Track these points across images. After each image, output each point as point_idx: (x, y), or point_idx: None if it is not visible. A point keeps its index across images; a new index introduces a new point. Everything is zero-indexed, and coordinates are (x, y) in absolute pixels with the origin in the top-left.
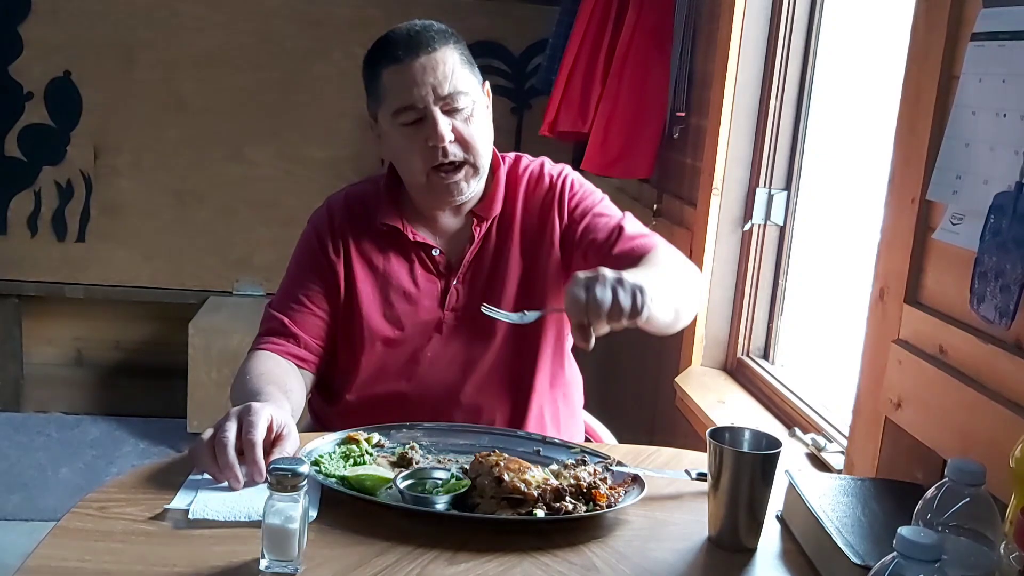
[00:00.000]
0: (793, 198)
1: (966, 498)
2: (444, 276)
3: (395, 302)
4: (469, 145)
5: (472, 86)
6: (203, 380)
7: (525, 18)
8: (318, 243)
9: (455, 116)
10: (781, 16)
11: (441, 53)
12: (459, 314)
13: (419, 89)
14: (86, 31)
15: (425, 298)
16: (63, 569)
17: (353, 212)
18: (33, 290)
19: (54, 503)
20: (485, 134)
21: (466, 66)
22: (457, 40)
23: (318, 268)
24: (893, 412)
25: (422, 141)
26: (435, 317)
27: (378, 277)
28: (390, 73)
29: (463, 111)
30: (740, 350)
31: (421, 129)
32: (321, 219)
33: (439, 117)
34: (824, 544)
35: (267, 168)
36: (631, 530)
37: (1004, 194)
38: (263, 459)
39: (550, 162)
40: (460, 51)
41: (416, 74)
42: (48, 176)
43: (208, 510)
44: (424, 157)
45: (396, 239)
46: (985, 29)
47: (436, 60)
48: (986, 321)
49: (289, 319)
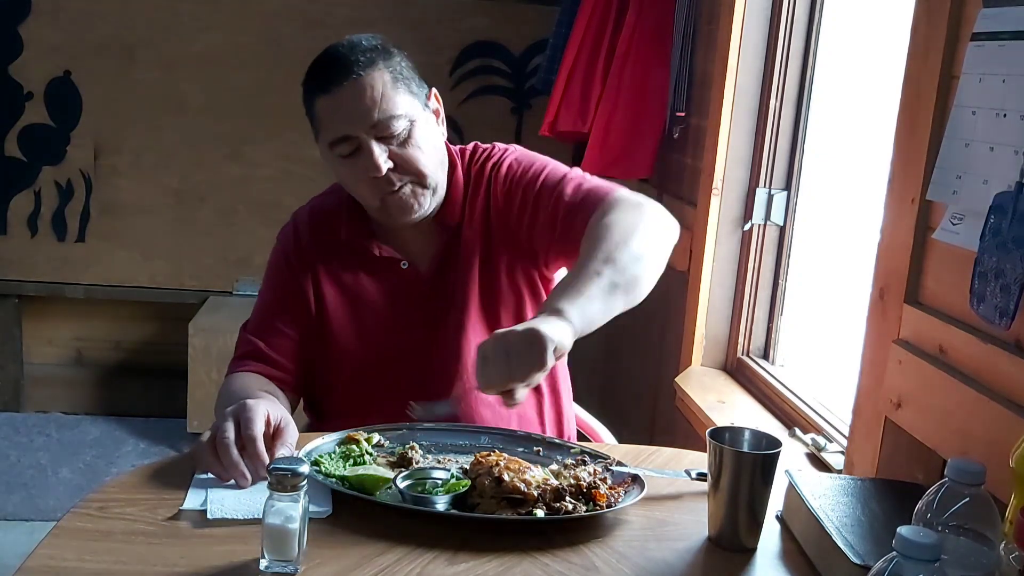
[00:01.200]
0: (793, 198)
1: (966, 498)
2: (414, 288)
3: (367, 319)
4: (410, 167)
5: (407, 105)
6: (203, 380)
7: (525, 18)
8: (286, 264)
9: (391, 141)
10: (781, 16)
11: (368, 78)
12: (431, 326)
13: (348, 120)
14: (86, 31)
15: (397, 313)
16: (63, 569)
17: (319, 229)
18: (33, 290)
19: (54, 503)
20: (429, 150)
21: (399, 85)
22: (387, 57)
23: (288, 289)
24: (893, 412)
25: (363, 171)
26: (407, 331)
27: (348, 295)
28: (320, 104)
29: (399, 135)
30: (740, 350)
31: (359, 160)
32: (288, 238)
33: (373, 147)
34: (824, 544)
35: (267, 168)
36: (631, 530)
37: (1004, 194)
38: (266, 452)
39: (497, 148)
40: (391, 69)
41: (344, 104)
42: (48, 176)
43: (225, 509)
44: (369, 187)
45: (363, 255)
46: (985, 29)
47: (363, 86)
48: (986, 321)
49: (264, 343)
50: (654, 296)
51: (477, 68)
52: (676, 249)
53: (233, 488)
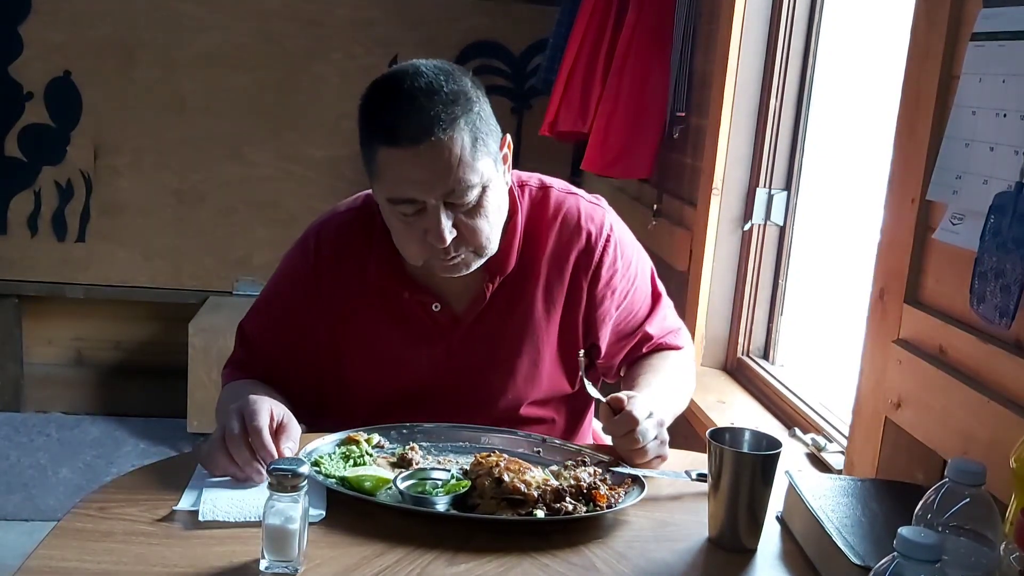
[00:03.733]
0: (793, 198)
1: (966, 498)
2: (444, 335)
3: (385, 365)
4: (474, 239)
5: (483, 168)
6: (203, 380)
7: (525, 18)
8: (302, 286)
9: (459, 209)
10: (781, 16)
11: (448, 141)
12: (459, 377)
13: (419, 185)
14: (86, 31)
15: (421, 362)
16: (63, 569)
17: (343, 256)
18: (33, 290)
19: (54, 503)
20: (495, 217)
21: (478, 147)
22: (469, 110)
23: (302, 312)
24: (893, 412)
25: (420, 232)
26: (432, 382)
27: (367, 338)
28: (385, 155)
29: (470, 203)
30: (740, 350)
31: (420, 220)
32: (308, 258)
33: (441, 216)
34: (824, 545)
35: (267, 168)
36: (631, 531)
37: (1004, 194)
38: (273, 445)
39: (589, 206)
40: (471, 126)
41: (416, 166)
42: (48, 176)
43: (218, 511)
44: (421, 248)
45: (390, 295)
46: (985, 29)
47: (440, 150)
48: (986, 321)
49: (263, 355)
50: None
51: (477, 68)
52: (676, 249)
53: (230, 488)
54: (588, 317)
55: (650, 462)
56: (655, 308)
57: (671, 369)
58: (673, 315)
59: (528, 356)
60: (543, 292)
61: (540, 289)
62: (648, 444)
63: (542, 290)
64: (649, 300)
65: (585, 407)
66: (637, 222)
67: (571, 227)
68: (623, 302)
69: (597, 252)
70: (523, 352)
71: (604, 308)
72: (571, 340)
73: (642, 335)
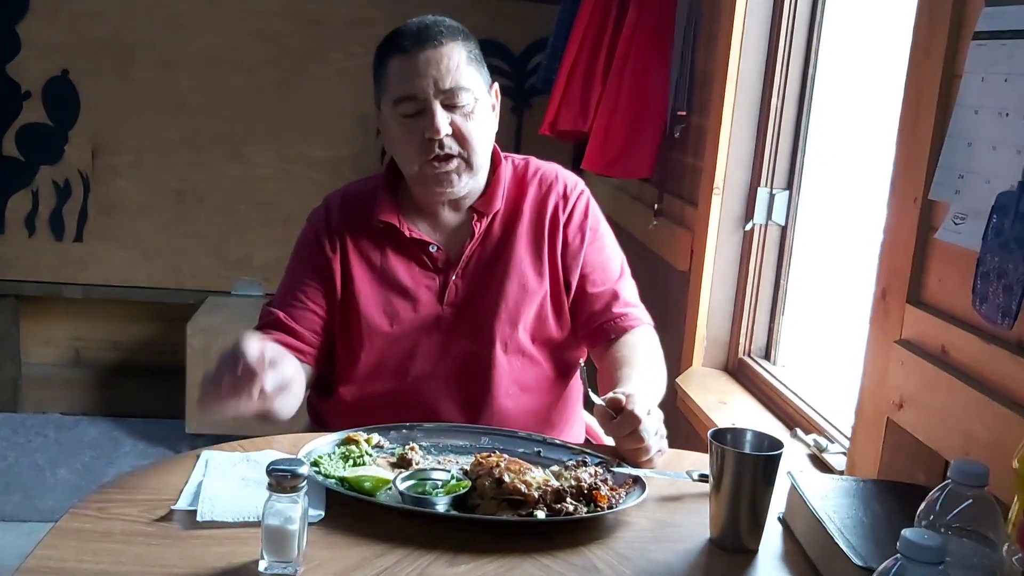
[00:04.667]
0: (794, 198)
1: (969, 499)
2: (442, 272)
3: (392, 298)
4: (465, 140)
5: (476, 84)
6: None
7: (525, 17)
8: (315, 241)
9: (455, 111)
10: (782, 15)
11: (447, 48)
12: (457, 309)
13: (421, 80)
14: (85, 30)
15: (423, 294)
16: (62, 570)
17: (350, 210)
18: (31, 290)
19: (52, 504)
20: (484, 132)
21: (472, 64)
22: (467, 38)
23: (315, 266)
24: (895, 413)
25: (419, 133)
26: (433, 313)
27: (375, 274)
28: (395, 63)
29: (464, 107)
30: (741, 350)
31: (420, 121)
32: (318, 217)
33: (438, 110)
34: (826, 546)
35: (267, 168)
36: (632, 531)
37: (1007, 194)
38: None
39: (565, 171)
40: (468, 48)
41: (420, 66)
42: (46, 175)
43: (215, 511)
44: (420, 148)
45: (393, 236)
46: (987, 28)
47: (441, 54)
48: (989, 321)
49: (286, 314)
50: (655, 296)
51: None
52: (677, 249)
53: (229, 488)
54: (564, 254)
55: (651, 458)
56: (622, 276)
57: (648, 357)
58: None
59: (516, 281)
60: (527, 231)
61: (523, 228)
62: (650, 441)
63: (526, 229)
64: (619, 269)
65: (572, 381)
66: (638, 222)
67: (550, 180)
68: (594, 249)
69: (572, 198)
70: (511, 277)
71: (576, 247)
72: (553, 277)
73: (613, 292)
